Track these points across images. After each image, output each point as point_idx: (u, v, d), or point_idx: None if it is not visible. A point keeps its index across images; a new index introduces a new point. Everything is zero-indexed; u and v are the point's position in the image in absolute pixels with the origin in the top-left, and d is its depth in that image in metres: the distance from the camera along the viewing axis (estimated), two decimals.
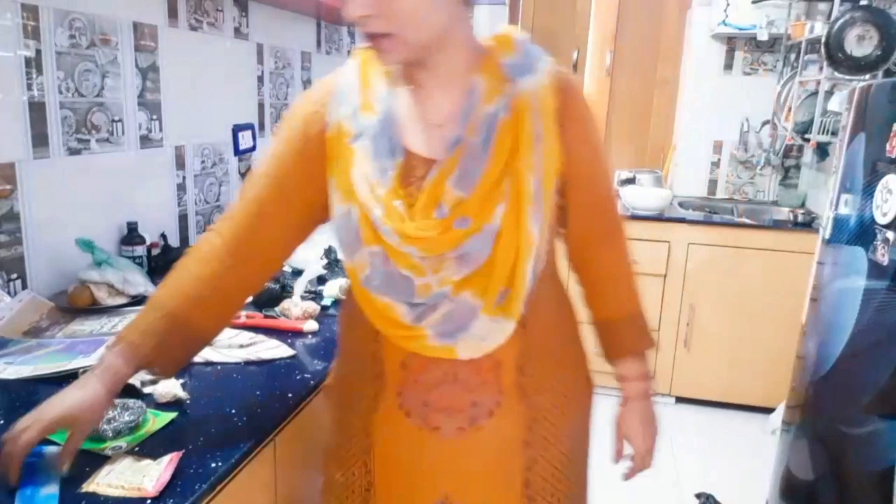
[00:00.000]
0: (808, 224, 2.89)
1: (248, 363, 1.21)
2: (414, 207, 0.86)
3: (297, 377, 1.16)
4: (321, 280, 1.66)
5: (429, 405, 0.93)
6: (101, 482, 0.82)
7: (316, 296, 1.57)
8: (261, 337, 1.31)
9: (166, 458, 0.86)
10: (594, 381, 1.09)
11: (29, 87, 1.39)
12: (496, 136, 0.86)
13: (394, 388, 0.94)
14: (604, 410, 1.12)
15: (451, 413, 0.92)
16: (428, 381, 0.92)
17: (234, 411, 1.03)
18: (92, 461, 0.86)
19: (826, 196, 1.98)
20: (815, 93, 2.84)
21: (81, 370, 1.11)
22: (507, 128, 0.87)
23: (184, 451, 0.89)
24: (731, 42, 3.36)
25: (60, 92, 1.47)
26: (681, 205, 3.28)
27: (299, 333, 1.36)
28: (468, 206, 0.85)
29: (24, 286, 1.42)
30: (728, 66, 3.39)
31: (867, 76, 2.48)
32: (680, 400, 3.10)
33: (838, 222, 1.85)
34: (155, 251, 1.68)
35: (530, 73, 0.89)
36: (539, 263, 0.89)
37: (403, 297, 0.87)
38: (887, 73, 2.46)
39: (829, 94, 2.78)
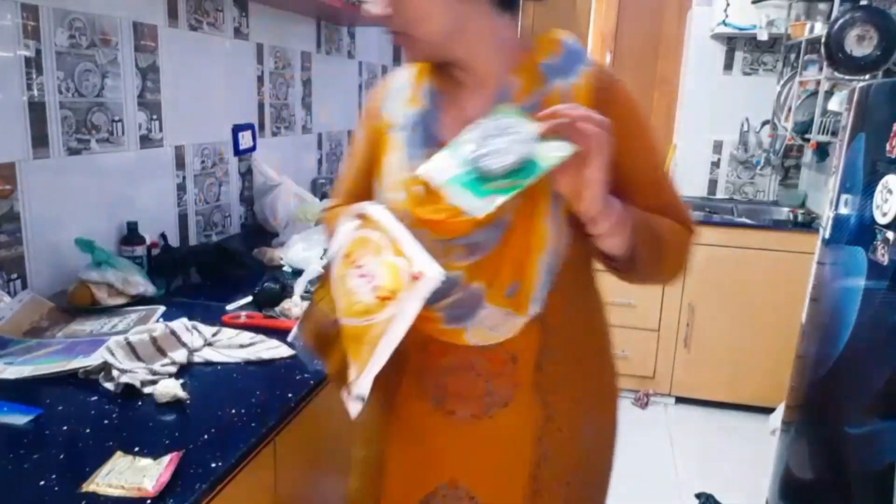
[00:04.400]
0: (808, 224, 2.89)
1: (248, 363, 1.21)
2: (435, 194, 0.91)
3: (297, 377, 1.16)
4: None
5: (445, 389, 0.95)
6: (101, 482, 0.82)
7: None
8: (261, 337, 1.31)
9: (166, 458, 0.86)
10: (618, 394, 1.08)
11: (29, 87, 1.39)
12: None
13: (414, 371, 0.97)
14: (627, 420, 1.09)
15: (466, 399, 0.95)
16: (445, 366, 0.94)
17: (234, 411, 1.03)
18: (92, 461, 0.86)
19: (826, 196, 1.98)
20: (815, 93, 2.84)
21: (81, 370, 1.12)
22: None
23: (184, 451, 0.89)
24: (731, 42, 3.36)
25: (60, 92, 1.47)
26: None
27: None
28: None
29: (24, 286, 1.42)
30: (728, 66, 3.39)
31: (867, 76, 2.48)
32: (680, 400, 3.10)
33: (838, 222, 1.85)
34: (155, 251, 1.68)
35: (565, 75, 0.90)
36: (556, 261, 0.89)
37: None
38: (887, 73, 2.46)
39: (829, 94, 2.78)
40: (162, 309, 1.43)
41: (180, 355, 1.18)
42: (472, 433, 0.95)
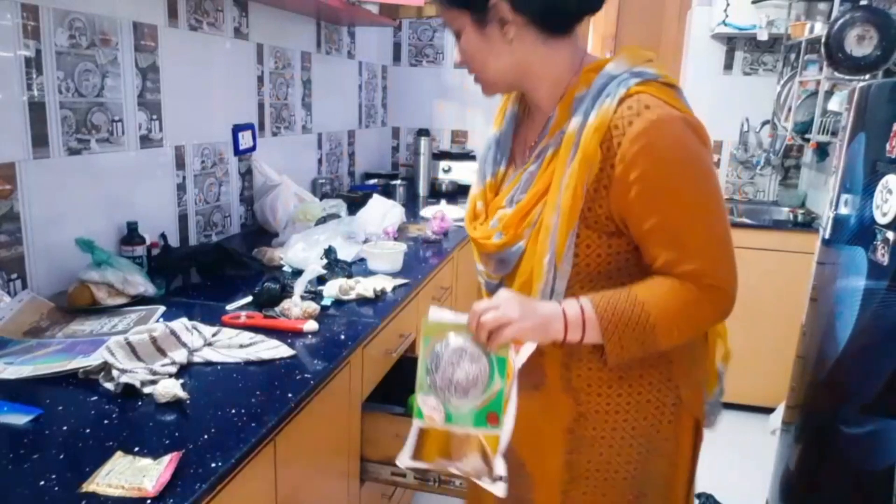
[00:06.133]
0: (808, 224, 2.89)
1: (248, 363, 1.21)
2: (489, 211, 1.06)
3: (297, 377, 1.16)
4: (321, 280, 1.66)
5: None
6: (101, 482, 0.82)
7: (316, 296, 1.57)
8: (261, 337, 1.31)
9: (166, 458, 0.86)
10: (667, 407, 1.05)
11: (29, 87, 1.39)
12: (541, 168, 0.97)
13: None
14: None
15: None
16: None
17: (234, 411, 1.03)
18: (92, 461, 0.86)
19: (826, 196, 1.98)
20: (815, 93, 2.84)
21: (81, 370, 1.12)
22: (553, 163, 0.95)
23: (184, 451, 0.89)
24: (731, 42, 3.36)
25: (60, 92, 1.47)
26: None
27: (299, 333, 1.36)
28: (506, 223, 1.00)
29: (24, 286, 1.42)
30: (728, 66, 3.39)
31: (867, 76, 2.48)
32: None
33: (838, 222, 1.85)
34: (155, 251, 1.68)
35: (587, 110, 0.92)
36: (557, 288, 0.96)
37: (482, 277, 1.11)
38: (887, 73, 2.46)
39: (829, 94, 2.78)
40: (162, 309, 1.43)
41: (180, 355, 1.18)
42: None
